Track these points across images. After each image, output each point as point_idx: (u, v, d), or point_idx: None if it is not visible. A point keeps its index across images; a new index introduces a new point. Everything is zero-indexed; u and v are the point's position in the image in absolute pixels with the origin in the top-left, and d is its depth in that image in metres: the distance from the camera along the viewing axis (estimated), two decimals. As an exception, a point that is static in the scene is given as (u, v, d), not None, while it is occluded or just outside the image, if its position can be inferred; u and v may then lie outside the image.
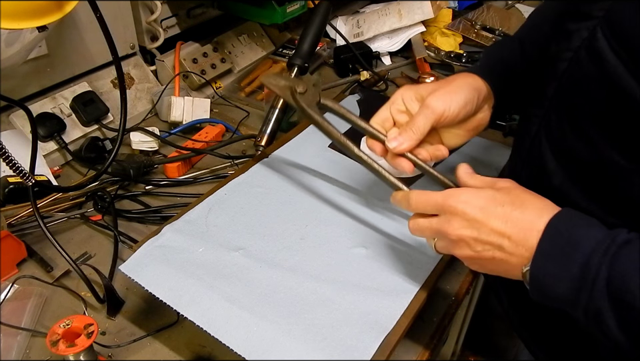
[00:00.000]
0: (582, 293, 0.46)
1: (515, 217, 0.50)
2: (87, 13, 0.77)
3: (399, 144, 0.61)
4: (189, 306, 0.59)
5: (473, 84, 0.64)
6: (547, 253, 0.48)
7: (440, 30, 1.39)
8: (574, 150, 0.56)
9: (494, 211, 0.51)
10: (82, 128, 0.95)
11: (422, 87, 0.65)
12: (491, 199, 0.52)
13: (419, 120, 0.61)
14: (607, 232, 0.48)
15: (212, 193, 0.76)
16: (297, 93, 0.62)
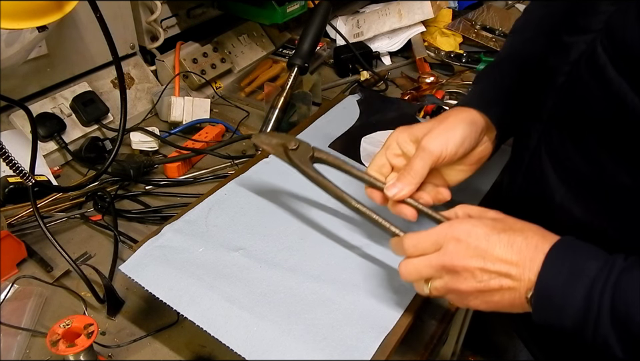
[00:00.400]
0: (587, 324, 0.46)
1: (519, 242, 0.49)
2: (87, 13, 0.77)
3: (398, 191, 0.60)
4: (189, 306, 0.59)
5: (468, 119, 0.62)
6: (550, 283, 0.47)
7: (440, 30, 1.39)
8: (576, 166, 0.54)
9: (497, 238, 0.50)
10: (82, 128, 0.95)
11: (416, 128, 0.63)
12: (491, 227, 0.51)
13: (416, 164, 0.60)
14: (606, 259, 0.47)
15: (212, 193, 0.76)
16: (289, 150, 0.62)
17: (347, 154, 0.86)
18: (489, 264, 0.49)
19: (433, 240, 0.52)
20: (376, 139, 0.89)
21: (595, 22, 0.52)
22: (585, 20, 0.54)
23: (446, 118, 0.62)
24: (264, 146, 0.64)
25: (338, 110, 0.97)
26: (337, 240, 0.69)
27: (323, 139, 0.88)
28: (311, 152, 0.63)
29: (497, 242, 0.49)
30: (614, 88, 0.48)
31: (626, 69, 0.48)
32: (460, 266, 0.50)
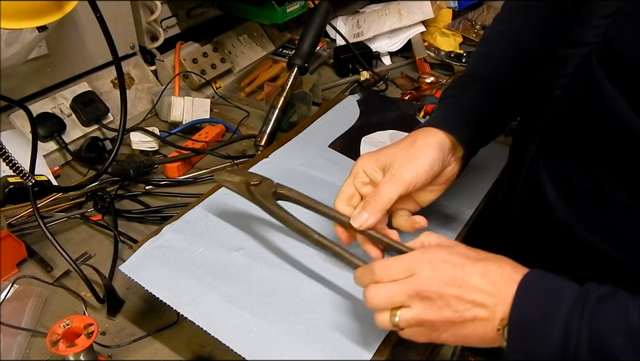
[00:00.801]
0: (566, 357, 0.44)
1: (493, 272, 0.48)
2: (87, 13, 0.77)
3: (364, 220, 0.57)
4: (189, 306, 0.59)
5: (435, 142, 0.61)
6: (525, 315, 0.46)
7: (440, 30, 1.39)
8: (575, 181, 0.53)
9: (473, 267, 0.48)
10: (82, 128, 0.95)
11: (382, 154, 0.61)
12: (466, 255, 0.49)
13: (383, 191, 0.58)
14: (579, 290, 0.46)
15: (212, 193, 0.76)
16: (251, 186, 0.63)
17: (347, 154, 0.86)
18: (465, 293, 0.47)
19: (405, 266, 0.50)
20: (376, 139, 0.89)
21: (588, 36, 0.51)
22: (579, 33, 0.53)
23: (413, 142, 0.61)
24: (226, 184, 0.65)
25: (338, 110, 0.97)
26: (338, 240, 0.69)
27: (322, 139, 0.88)
28: (274, 188, 0.64)
29: (472, 271, 0.48)
30: (611, 104, 0.47)
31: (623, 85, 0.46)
32: (435, 293, 0.48)
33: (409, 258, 0.50)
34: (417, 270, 0.49)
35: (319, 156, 0.85)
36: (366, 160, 0.62)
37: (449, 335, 0.49)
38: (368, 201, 0.59)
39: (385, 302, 0.49)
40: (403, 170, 0.58)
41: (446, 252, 0.49)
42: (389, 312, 0.49)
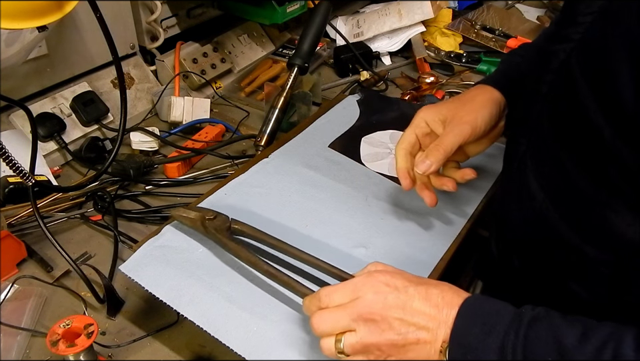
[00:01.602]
0: None
1: (435, 296, 0.49)
2: (87, 13, 0.77)
3: (427, 167, 0.63)
4: (189, 306, 0.59)
5: (494, 98, 0.67)
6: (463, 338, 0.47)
7: (440, 30, 1.39)
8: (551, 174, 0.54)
9: (415, 290, 0.49)
10: (82, 128, 0.95)
11: (443, 107, 0.66)
12: (408, 279, 0.50)
13: (447, 141, 0.63)
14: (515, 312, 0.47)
15: (212, 193, 0.76)
16: (206, 221, 0.65)
17: (347, 154, 0.86)
18: (408, 315, 0.48)
19: (349, 290, 0.50)
20: (376, 139, 0.90)
21: (573, 32, 0.52)
22: (565, 30, 0.53)
23: (474, 97, 0.67)
24: (183, 220, 0.67)
25: (338, 110, 0.97)
26: (337, 240, 0.69)
27: (323, 139, 0.89)
28: (228, 222, 0.66)
29: (415, 293, 0.49)
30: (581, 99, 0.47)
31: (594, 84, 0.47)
32: (378, 315, 0.48)
33: (353, 283, 0.51)
34: (360, 294, 0.49)
35: (319, 156, 0.85)
36: (428, 111, 0.67)
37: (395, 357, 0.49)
38: (431, 149, 0.64)
39: (330, 327, 0.49)
40: (466, 122, 0.63)
41: (389, 276, 0.50)
42: (334, 337, 0.49)
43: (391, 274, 0.51)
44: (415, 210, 0.75)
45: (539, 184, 0.56)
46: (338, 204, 0.75)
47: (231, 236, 0.64)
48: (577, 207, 0.52)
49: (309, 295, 0.54)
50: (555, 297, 0.55)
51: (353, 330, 0.49)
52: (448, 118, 0.64)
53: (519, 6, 1.63)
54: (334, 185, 0.79)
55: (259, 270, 0.61)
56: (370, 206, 0.75)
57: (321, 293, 0.52)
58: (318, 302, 0.51)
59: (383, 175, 0.82)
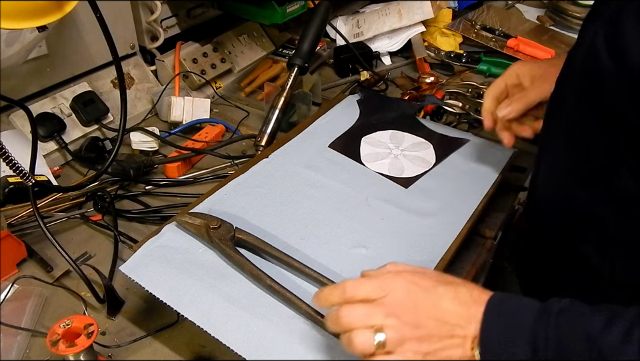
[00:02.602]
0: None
1: (462, 294, 0.50)
2: (87, 13, 0.76)
3: (508, 113, 0.74)
4: (189, 306, 0.59)
5: None
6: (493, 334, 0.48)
7: (440, 30, 1.39)
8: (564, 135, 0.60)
9: (444, 289, 0.50)
10: (82, 128, 0.95)
11: (536, 66, 0.74)
12: (436, 279, 0.51)
13: (530, 95, 0.73)
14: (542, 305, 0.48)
15: (212, 193, 0.76)
16: (210, 230, 0.65)
17: (347, 154, 0.86)
18: (439, 314, 0.49)
19: (378, 286, 0.50)
20: (376, 139, 0.90)
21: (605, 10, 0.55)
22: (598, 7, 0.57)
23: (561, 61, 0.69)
24: (188, 226, 0.67)
25: (338, 110, 0.97)
26: (337, 240, 0.69)
27: (323, 139, 0.89)
28: (232, 231, 0.66)
29: (444, 293, 0.50)
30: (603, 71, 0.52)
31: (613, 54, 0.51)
32: (412, 314, 0.49)
33: (381, 280, 0.51)
34: (389, 291, 0.49)
35: (319, 156, 0.85)
36: (521, 66, 0.76)
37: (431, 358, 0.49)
38: (514, 99, 0.74)
39: (361, 321, 0.49)
40: (551, 82, 0.66)
41: (417, 277, 0.51)
42: (370, 331, 0.48)
43: (419, 275, 0.51)
44: (415, 210, 0.75)
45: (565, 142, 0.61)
46: (338, 204, 0.75)
47: (235, 247, 0.65)
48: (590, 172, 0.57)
49: (331, 285, 0.53)
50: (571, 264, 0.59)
51: (387, 326, 0.48)
52: (537, 75, 0.71)
53: (519, 6, 1.63)
54: (334, 185, 0.79)
55: (262, 285, 0.61)
56: (370, 206, 0.75)
57: (346, 285, 0.51)
58: (342, 294, 0.51)
59: (383, 175, 0.82)
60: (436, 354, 0.49)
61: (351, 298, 0.50)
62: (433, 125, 0.94)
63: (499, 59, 1.30)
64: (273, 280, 0.61)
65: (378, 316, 0.49)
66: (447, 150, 0.87)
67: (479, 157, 0.86)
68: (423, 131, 0.92)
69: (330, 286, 0.53)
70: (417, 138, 0.90)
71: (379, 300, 0.49)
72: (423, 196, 0.78)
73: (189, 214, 0.69)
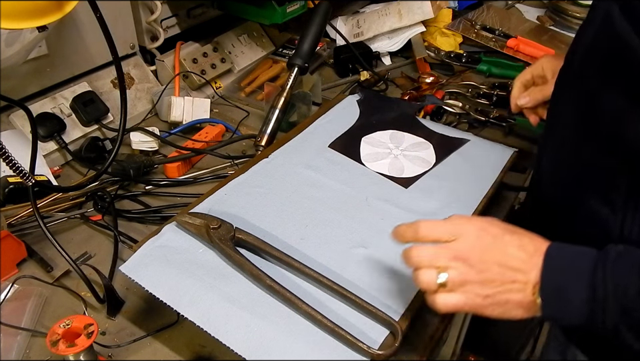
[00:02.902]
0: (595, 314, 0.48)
1: (526, 243, 0.53)
2: (87, 13, 0.76)
3: (525, 102, 0.84)
4: (189, 306, 0.59)
5: None
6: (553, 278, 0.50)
7: (440, 30, 1.39)
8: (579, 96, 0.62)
9: (510, 238, 0.53)
10: (82, 128, 0.95)
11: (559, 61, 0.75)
12: (503, 228, 0.54)
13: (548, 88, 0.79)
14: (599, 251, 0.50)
15: (212, 193, 0.76)
16: (210, 230, 0.66)
17: (347, 154, 0.86)
18: (504, 260, 0.52)
19: (449, 230, 0.54)
20: (376, 139, 0.90)
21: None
22: None
23: None
24: (188, 226, 0.68)
25: (338, 110, 0.97)
26: (337, 240, 0.69)
27: (322, 139, 0.89)
28: (232, 231, 0.66)
29: (510, 241, 0.53)
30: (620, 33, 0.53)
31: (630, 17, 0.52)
32: (478, 258, 0.52)
33: (454, 223, 0.54)
34: (460, 235, 0.53)
35: (319, 156, 0.85)
36: (549, 61, 0.83)
37: (492, 300, 0.52)
38: (534, 90, 0.83)
39: (429, 260, 0.53)
40: None
41: (487, 224, 0.54)
42: (435, 270, 0.53)
43: (488, 223, 0.55)
44: (415, 210, 0.75)
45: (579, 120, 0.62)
46: (338, 204, 0.75)
47: (235, 247, 0.65)
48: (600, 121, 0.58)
49: (404, 224, 0.56)
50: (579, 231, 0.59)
51: (452, 268, 0.52)
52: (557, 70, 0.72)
53: (519, 6, 1.63)
54: (334, 185, 0.79)
55: (262, 285, 0.61)
56: (370, 206, 0.75)
57: (420, 224, 0.55)
58: (415, 233, 0.55)
59: (383, 175, 0.82)
60: (496, 297, 0.52)
61: (423, 238, 0.54)
62: (433, 125, 0.94)
63: (499, 59, 1.30)
64: (273, 280, 0.61)
65: (444, 258, 0.53)
66: (446, 150, 0.87)
67: (478, 157, 0.86)
68: (423, 131, 0.92)
69: (406, 224, 0.56)
70: (416, 138, 0.90)
71: (448, 243, 0.53)
72: (422, 196, 0.78)
73: (188, 214, 0.69)
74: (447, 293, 0.53)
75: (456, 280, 0.52)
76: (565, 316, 0.50)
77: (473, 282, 0.52)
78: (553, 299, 0.50)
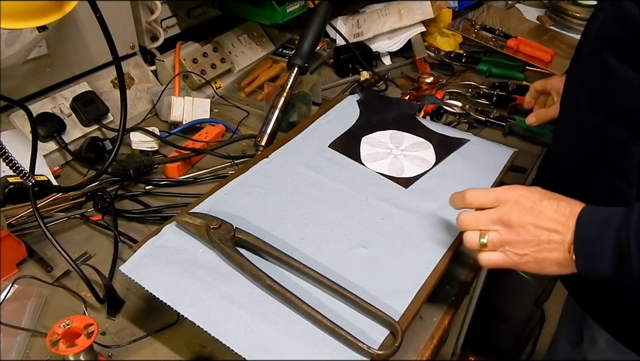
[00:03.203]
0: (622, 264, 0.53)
1: (563, 207, 0.57)
2: (87, 13, 0.77)
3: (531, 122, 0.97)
4: (189, 306, 0.59)
5: None
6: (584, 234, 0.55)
7: (440, 30, 1.39)
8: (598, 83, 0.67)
9: (548, 203, 0.58)
10: (82, 128, 0.95)
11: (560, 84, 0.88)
12: (542, 194, 0.59)
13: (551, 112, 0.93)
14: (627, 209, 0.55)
15: (212, 193, 0.76)
16: (210, 230, 0.66)
17: (347, 154, 0.86)
18: (542, 222, 0.57)
19: (492, 197, 0.60)
20: (376, 139, 0.90)
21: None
22: None
23: None
24: (188, 226, 0.68)
25: (338, 110, 0.97)
26: (337, 240, 0.69)
27: (322, 139, 0.89)
28: (232, 231, 0.67)
29: (548, 205, 0.58)
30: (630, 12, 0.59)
31: None
32: (516, 221, 0.58)
33: (496, 191, 0.61)
34: (501, 202, 0.60)
35: (319, 156, 0.85)
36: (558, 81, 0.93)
37: (530, 258, 0.58)
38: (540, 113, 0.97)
39: (474, 224, 0.61)
40: None
41: (527, 191, 0.60)
42: (478, 233, 0.60)
43: (529, 190, 0.60)
44: (415, 210, 0.75)
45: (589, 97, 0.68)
46: (338, 204, 0.75)
47: (235, 247, 0.65)
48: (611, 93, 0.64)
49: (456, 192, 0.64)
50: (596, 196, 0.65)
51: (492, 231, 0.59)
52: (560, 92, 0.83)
53: (519, 6, 1.63)
54: (334, 185, 0.79)
55: (262, 285, 0.61)
56: (370, 206, 0.75)
57: (467, 192, 0.62)
58: (462, 200, 0.63)
59: (382, 175, 0.82)
60: (533, 256, 0.58)
61: (469, 205, 0.62)
62: (433, 125, 0.94)
63: (499, 59, 1.30)
64: (273, 280, 0.61)
65: (486, 222, 0.60)
66: (446, 150, 0.87)
67: (479, 157, 0.86)
68: (423, 131, 0.92)
69: (456, 193, 0.64)
70: (417, 138, 0.90)
71: (492, 209, 0.60)
72: (423, 196, 0.78)
73: (188, 214, 0.69)
74: (489, 252, 0.60)
75: (495, 241, 0.59)
76: (597, 269, 0.55)
77: (511, 243, 0.58)
78: (585, 253, 0.55)
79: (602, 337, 0.82)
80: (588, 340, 0.87)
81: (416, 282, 0.64)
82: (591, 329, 0.85)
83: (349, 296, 0.60)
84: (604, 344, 0.83)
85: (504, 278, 1.24)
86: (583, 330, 0.88)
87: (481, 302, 1.16)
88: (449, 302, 0.71)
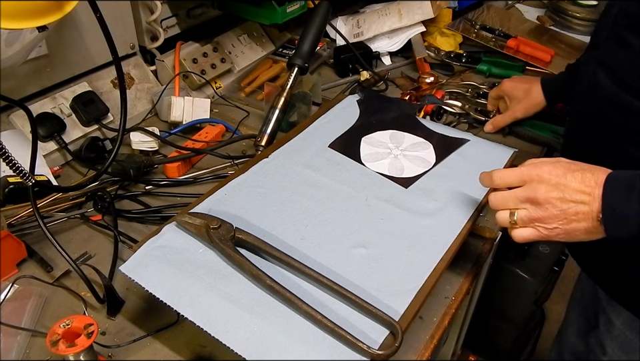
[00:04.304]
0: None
1: (588, 178, 0.60)
2: (87, 13, 0.77)
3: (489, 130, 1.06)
4: (189, 306, 0.59)
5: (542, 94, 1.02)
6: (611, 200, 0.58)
7: (440, 30, 1.39)
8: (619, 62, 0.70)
9: (572, 176, 0.60)
10: (82, 128, 0.95)
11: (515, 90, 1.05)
12: (567, 167, 0.62)
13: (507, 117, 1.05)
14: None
15: (212, 193, 0.76)
16: (210, 230, 0.66)
17: (347, 154, 0.86)
18: (568, 195, 0.60)
19: (518, 176, 0.63)
20: (376, 139, 0.90)
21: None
22: None
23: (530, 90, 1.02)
24: (188, 226, 0.68)
25: (338, 110, 0.97)
26: (337, 240, 0.69)
27: (323, 139, 0.89)
28: (232, 231, 0.67)
29: (572, 178, 0.60)
30: None
31: None
32: (543, 198, 0.61)
33: (521, 171, 0.64)
34: (527, 180, 0.63)
35: (319, 156, 0.85)
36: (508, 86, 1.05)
37: (560, 230, 0.61)
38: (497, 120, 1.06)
39: (503, 204, 0.65)
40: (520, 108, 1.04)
41: (551, 166, 0.62)
42: (508, 211, 0.64)
43: (553, 165, 0.62)
44: (415, 210, 0.75)
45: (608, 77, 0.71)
46: (338, 204, 0.75)
47: (235, 247, 0.65)
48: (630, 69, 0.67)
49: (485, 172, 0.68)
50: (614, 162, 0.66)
51: (521, 209, 0.63)
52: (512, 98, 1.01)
53: (519, 6, 1.63)
54: (334, 185, 0.79)
55: (262, 285, 0.61)
56: (370, 206, 0.75)
57: (494, 173, 0.66)
58: (490, 181, 0.67)
59: (382, 175, 0.82)
60: (562, 227, 0.61)
61: (497, 185, 0.66)
62: (433, 125, 0.94)
63: (499, 59, 1.30)
64: (273, 280, 0.61)
65: (514, 201, 0.63)
66: (446, 150, 0.87)
67: (478, 157, 0.86)
68: (423, 131, 0.92)
69: (484, 173, 0.69)
70: (416, 138, 0.90)
71: (518, 189, 0.63)
72: (423, 196, 0.78)
73: (188, 214, 0.69)
74: (520, 228, 0.64)
75: (525, 218, 0.62)
76: (623, 232, 0.57)
77: (540, 219, 0.61)
78: (614, 220, 0.57)
79: (618, 319, 0.84)
80: (603, 323, 0.89)
81: (416, 282, 0.64)
82: (606, 313, 0.87)
83: (349, 296, 0.60)
84: (621, 326, 0.84)
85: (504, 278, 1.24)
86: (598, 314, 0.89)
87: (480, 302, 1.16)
88: (448, 302, 0.71)
